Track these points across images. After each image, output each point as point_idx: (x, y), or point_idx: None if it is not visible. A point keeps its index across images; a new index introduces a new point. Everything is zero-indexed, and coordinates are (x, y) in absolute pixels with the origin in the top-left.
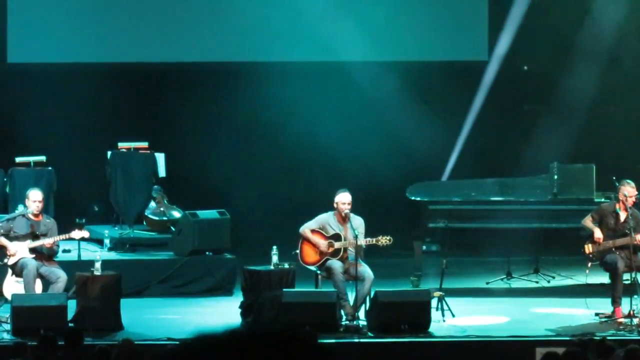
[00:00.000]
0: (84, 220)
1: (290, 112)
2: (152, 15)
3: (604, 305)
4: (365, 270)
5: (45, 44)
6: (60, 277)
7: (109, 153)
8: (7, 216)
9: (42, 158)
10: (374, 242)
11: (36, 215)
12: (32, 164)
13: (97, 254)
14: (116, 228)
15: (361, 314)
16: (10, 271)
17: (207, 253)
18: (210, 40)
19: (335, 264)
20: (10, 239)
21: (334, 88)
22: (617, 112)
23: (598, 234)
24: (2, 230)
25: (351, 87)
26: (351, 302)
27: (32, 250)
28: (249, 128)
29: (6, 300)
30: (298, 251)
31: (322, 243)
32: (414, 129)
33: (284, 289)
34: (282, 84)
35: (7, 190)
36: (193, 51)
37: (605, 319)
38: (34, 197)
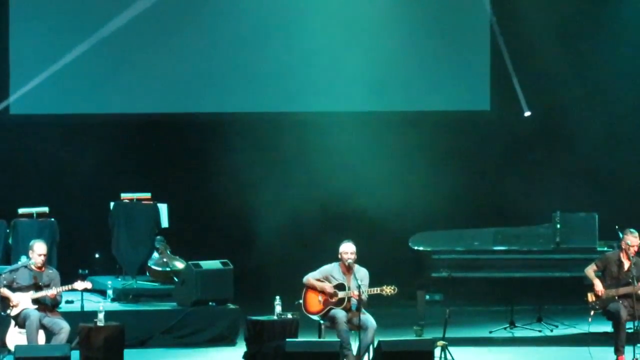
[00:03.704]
0: (86, 271)
1: (289, 163)
2: (153, 67)
3: (607, 354)
4: (368, 319)
5: (48, 95)
6: (63, 328)
7: (112, 204)
8: (10, 267)
9: (45, 209)
10: (378, 291)
11: (39, 267)
12: (35, 215)
13: (100, 305)
14: (119, 279)
15: None
16: (13, 322)
17: (210, 303)
18: (212, 91)
19: (339, 314)
20: (13, 290)
21: (336, 138)
22: (620, 160)
23: (598, 286)
24: (5, 282)
25: (352, 137)
26: (354, 351)
27: (35, 301)
28: (251, 179)
29: (9, 352)
30: (302, 301)
31: (328, 286)
32: (415, 177)
33: (288, 339)
34: (282, 135)
35: (10, 241)
36: (194, 103)
37: None
38: (39, 251)
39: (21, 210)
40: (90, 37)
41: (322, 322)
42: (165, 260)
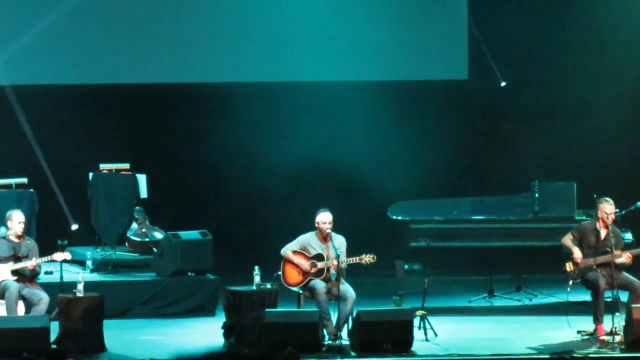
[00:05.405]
0: (65, 242)
1: (268, 134)
2: (132, 37)
3: (586, 323)
4: (347, 289)
5: (27, 66)
6: (43, 298)
7: (91, 174)
8: None
9: (24, 180)
10: (357, 260)
11: (18, 237)
12: (13, 185)
13: (79, 276)
14: (98, 249)
15: (344, 333)
16: None
17: (189, 274)
18: (191, 61)
19: (319, 284)
20: None
21: (314, 108)
22: (597, 130)
23: (577, 254)
24: None
25: (332, 107)
26: (334, 321)
27: (14, 272)
28: (231, 149)
29: None
30: (280, 273)
31: (305, 263)
32: (394, 147)
33: (267, 309)
34: (263, 105)
35: None
36: (174, 73)
37: (587, 337)
38: (18, 219)
39: (0, 181)
40: (68, 5)
41: (301, 292)
42: (144, 230)
